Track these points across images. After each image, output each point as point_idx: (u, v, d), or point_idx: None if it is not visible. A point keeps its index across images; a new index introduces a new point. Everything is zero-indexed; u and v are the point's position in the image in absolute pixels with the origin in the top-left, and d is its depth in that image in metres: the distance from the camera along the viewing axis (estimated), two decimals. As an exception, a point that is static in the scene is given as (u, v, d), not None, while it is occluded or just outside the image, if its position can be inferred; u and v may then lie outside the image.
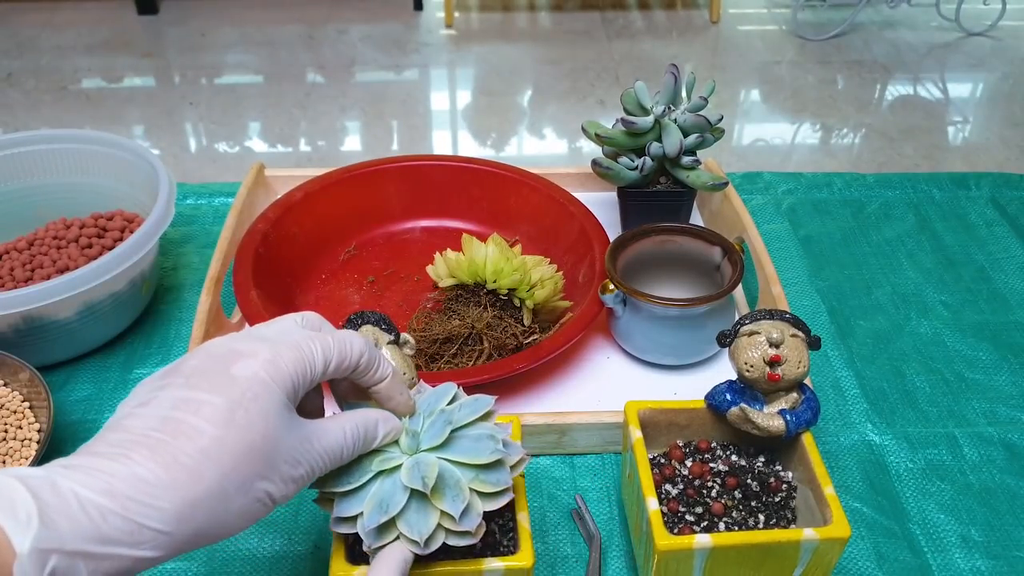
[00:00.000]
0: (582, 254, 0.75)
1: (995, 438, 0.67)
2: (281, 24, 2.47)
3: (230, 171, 1.88)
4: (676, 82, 0.76)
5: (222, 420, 0.36)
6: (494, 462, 0.44)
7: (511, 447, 0.46)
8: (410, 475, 0.43)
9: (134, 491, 0.33)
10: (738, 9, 2.59)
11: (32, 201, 0.80)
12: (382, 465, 0.44)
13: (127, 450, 0.34)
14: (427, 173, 0.84)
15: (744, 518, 0.52)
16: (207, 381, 0.37)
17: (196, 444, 0.35)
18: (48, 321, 0.66)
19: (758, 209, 0.90)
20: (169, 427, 0.35)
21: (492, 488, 0.44)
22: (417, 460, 0.44)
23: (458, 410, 0.46)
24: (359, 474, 0.44)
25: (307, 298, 0.76)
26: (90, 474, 0.33)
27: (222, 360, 0.38)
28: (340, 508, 0.44)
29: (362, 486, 0.43)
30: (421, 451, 0.45)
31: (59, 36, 2.39)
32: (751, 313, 0.54)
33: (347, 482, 0.43)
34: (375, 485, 0.44)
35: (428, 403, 0.47)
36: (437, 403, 0.47)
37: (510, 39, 2.43)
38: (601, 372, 0.71)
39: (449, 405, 0.47)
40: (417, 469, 0.43)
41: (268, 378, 0.38)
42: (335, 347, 0.41)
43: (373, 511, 0.43)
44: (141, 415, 0.36)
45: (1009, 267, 0.83)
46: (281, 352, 0.39)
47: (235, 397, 0.36)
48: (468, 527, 0.43)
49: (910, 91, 2.20)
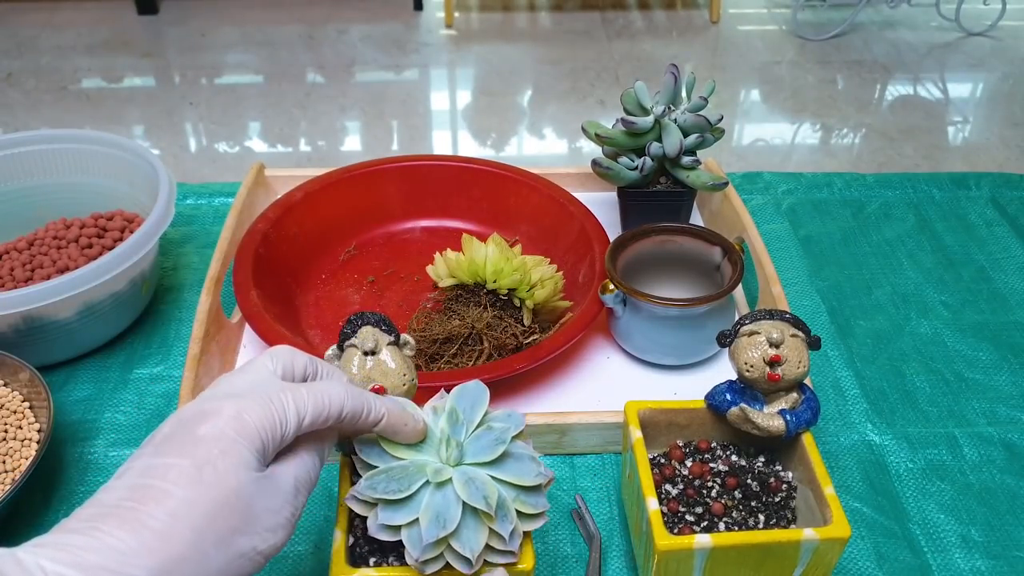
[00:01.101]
0: (582, 254, 0.75)
1: (995, 438, 0.67)
2: (281, 24, 2.47)
3: (230, 171, 1.88)
4: (676, 82, 0.76)
5: (189, 480, 0.35)
6: (536, 485, 0.44)
7: (545, 468, 0.46)
8: (468, 492, 0.42)
9: (105, 560, 0.32)
10: (738, 9, 2.59)
11: (32, 201, 0.80)
12: (435, 477, 0.43)
13: (97, 523, 0.34)
14: (427, 173, 0.84)
15: (744, 518, 0.52)
16: (174, 446, 0.37)
17: (164, 507, 0.34)
18: (48, 321, 0.66)
19: (758, 209, 0.90)
20: (137, 494, 0.35)
21: (532, 510, 0.44)
22: (469, 476, 0.43)
23: (498, 422, 0.46)
24: (408, 482, 0.43)
25: (307, 298, 0.76)
26: (60, 548, 0.33)
27: (190, 423, 0.38)
28: (386, 515, 0.43)
29: (411, 496, 0.43)
30: (465, 464, 0.44)
31: (59, 36, 2.39)
32: (751, 313, 0.54)
33: (397, 490, 0.43)
34: (425, 496, 0.43)
35: (460, 405, 0.46)
36: (472, 410, 0.46)
37: (510, 39, 2.43)
38: (601, 372, 0.71)
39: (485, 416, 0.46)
40: (474, 486, 0.43)
41: (234, 434, 0.37)
42: (309, 401, 0.40)
43: (431, 524, 0.42)
44: (112, 487, 0.36)
45: (1009, 267, 0.83)
46: (247, 407, 0.38)
47: (202, 456, 0.36)
48: (513, 547, 0.43)
49: (910, 91, 2.20)
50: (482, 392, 0.47)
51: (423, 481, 0.43)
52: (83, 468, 0.64)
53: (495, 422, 0.46)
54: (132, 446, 0.65)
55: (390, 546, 0.48)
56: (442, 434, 0.45)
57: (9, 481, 0.58)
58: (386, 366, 0.48)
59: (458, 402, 0.47)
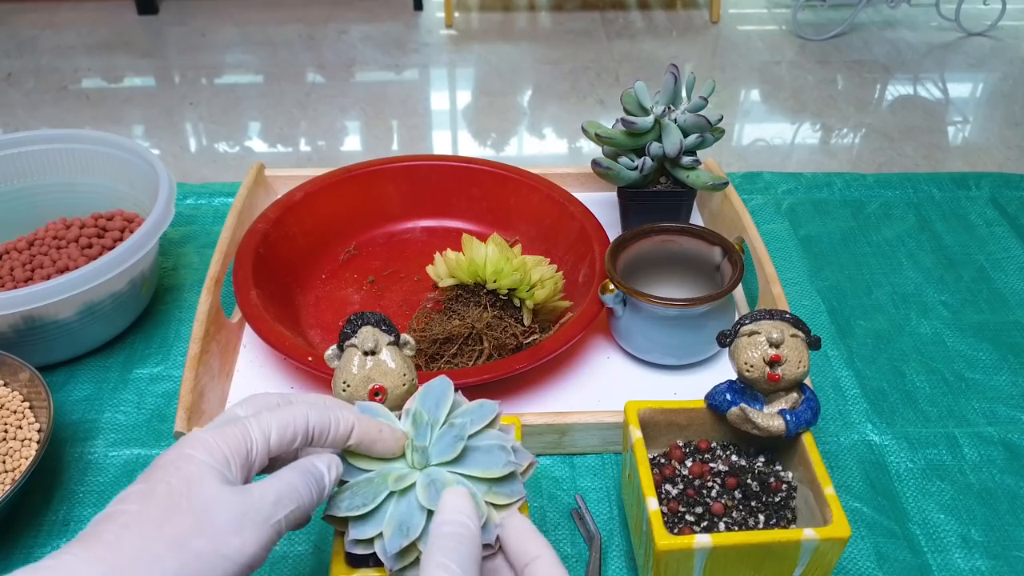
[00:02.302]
0: (582, 254, 0.75)
1: (995, 438, 0.67)
2: (281, 24, 2.47)
3: (230, 171, 1.88)
4: (676, 82, 0.76)
5: (141, 496, 0.37)
6: (507, 475, 0.44)
7: (520, 454, 0.45)
8: (427, 495, 0.42)
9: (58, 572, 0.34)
10: (738, 9, 2.59)
11: (32, 201, 0.80)
12: (396, 485, 0.43)
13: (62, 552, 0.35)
14: (427, 173, 0.84)
15: (744, 518, 0.52)
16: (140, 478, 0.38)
17: (117, 522, 0.36)
18: (48, 321, 0.66)
19: (758, 209, 0.90)
20: (100, 520, 0.37)
21: (506, 500, 0.44)
22: (431, 478, 0.43)
23: (462, 417, 0.46)
24: (372, 494, 0.43)
25: (307, 298, 0.76)
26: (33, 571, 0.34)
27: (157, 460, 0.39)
28: (356, 530, 0.43)
29: (377, 508, 0.43)
30: (431, 465, 0.44)
31: (59, 36, 2.39)
32: (751, 313, 0.54)
33: (361, 504, 0.43)
34: (390, 506, 0.43)
35: (425, 406, 0.46)
36: (437, 409, 0.46)
37: (510, 39, 2.43)
38: (601, 372, 0.71)
39: (452, 412, 0.46)
40: (434, 488, 0.43)
41: (191, 452, 0.39)
42: (273, 419, 0.41)
43: (394, 535, 0.42)
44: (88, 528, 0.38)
45: (1009, 267, 0.83)
46: (208, 432, 0.40)
47: (156, 477, 0.38)
48: (488, 540, 0.43)
49: (910, 91, 2.20)
50: (446, 389, 0.47)
51: (387, 492, 0.43)
52: (83, 468, 0.64)
53: (458, 418, 0.45)
54: (132, 446, 0.65)
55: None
56: (407, 439, 0.45)
57: (9, 481, 0.58)
58: (386, 366, 0.48)
59: (422, 403, 0.46)
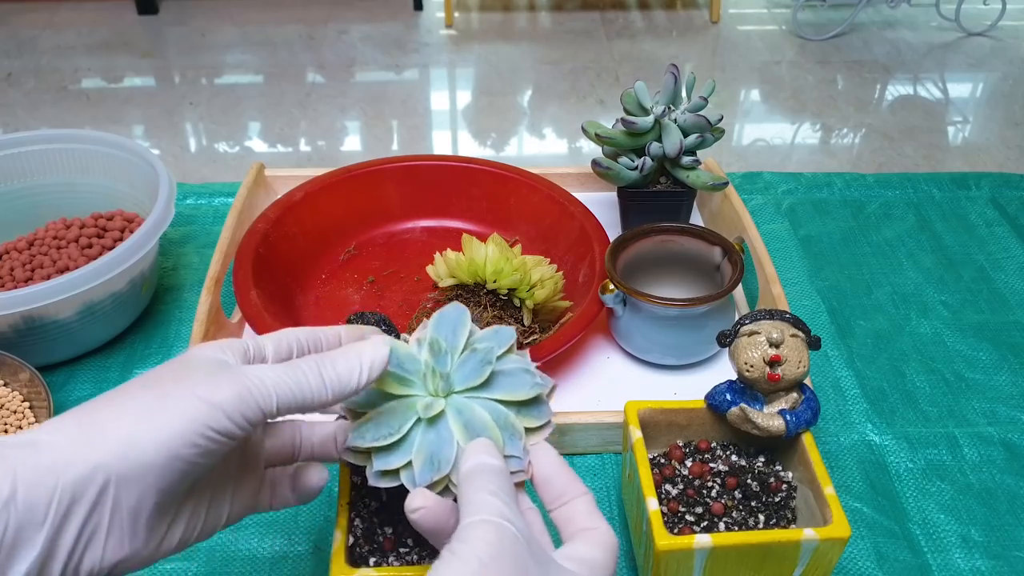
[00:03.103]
0: (582, 254, 0.75)
1: (995, 438, 0.67)
2: (281, 24, 2.47)
3: (230, 171, 1.88)
4: (676, 82, 0.76)
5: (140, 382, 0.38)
6: (534, 397, 0.43)
7: (544, 378, 0.44)
8: (463, 432, 0.41)
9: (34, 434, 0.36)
10: (738, 9, 2.59)
11: (32, 201, 0.80)
12: (426, 413, 0.41)
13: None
14: (427, 173, 0.84)
15: (744, 518, 0.52)
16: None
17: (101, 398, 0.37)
18: (48, 321, 0.66)
19: (758, 209, 0.90)
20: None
21: (536, 422, 0.43)
22: (459, 407, 0.42)
23: (485, 341, 0.44)
24: (397, 424, 0.41)
25: (307, 298, 0.76)
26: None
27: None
28: (380, 462, 0.41)
29: (403, 437, 0.41)
30: (455, 392, 0.42)
31: (59, 36, 2.39)
32: (751, 313, 0.54)
33: (387, 434, 0.41)
34: (417, 435, 0.41)
35: (441, 333, 0.44)
36: (454, 336, 0.44)
37: (510, 39, 2.43)
38: (601, 372, 0.71)
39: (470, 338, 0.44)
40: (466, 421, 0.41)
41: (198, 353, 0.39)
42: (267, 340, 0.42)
43: (424, 467, 0.40)
44: None
45: (1009, 267, 0.83)
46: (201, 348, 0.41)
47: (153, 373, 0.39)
48: (523, 466, 0.41)
49: (910, 91, 2.20)
50: (462, 314, 0.45)
51: (414, 419, 0.41)
52: (83, 468, 0.64)
53: (480, 343, 0.44)
54: (132, 446, 0.65)
55: (390, 545, 0.48)
56: (426, 366, 0.43)
57: (9, 481, 0.58)
58: (386, 366, 0.48)
59: (438, 330, 0.44)
